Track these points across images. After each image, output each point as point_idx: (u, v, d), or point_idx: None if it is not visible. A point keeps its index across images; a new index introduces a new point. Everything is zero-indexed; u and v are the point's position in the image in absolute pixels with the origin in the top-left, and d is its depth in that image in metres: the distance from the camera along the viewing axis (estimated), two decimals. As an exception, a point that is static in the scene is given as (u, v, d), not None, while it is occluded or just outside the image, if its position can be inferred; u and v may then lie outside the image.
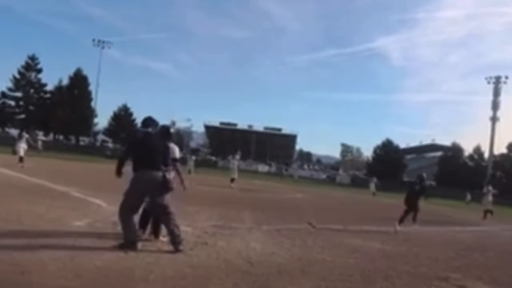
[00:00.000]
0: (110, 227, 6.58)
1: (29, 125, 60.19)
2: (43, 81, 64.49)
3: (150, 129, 5.85)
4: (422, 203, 11.76)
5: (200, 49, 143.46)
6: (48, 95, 64.91)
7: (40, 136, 42.95)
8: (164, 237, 6.08)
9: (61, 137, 68.39)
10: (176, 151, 6.25)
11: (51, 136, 67.23)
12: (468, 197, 39.63)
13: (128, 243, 5.34)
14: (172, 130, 6.50)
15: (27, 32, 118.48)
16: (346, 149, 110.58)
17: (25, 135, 19.93)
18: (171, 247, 5.56)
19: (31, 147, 20.81)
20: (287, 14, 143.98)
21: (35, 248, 4.83)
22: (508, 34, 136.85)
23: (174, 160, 6.18)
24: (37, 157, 24.86)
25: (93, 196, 10.22)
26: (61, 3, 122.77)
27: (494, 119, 62.00)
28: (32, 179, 13.13)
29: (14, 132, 61.53)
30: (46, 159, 26.05)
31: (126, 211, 5.51)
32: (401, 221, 10.65)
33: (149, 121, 5.88)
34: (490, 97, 62.82)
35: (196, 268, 4.82)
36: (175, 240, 5.47)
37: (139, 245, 5.40)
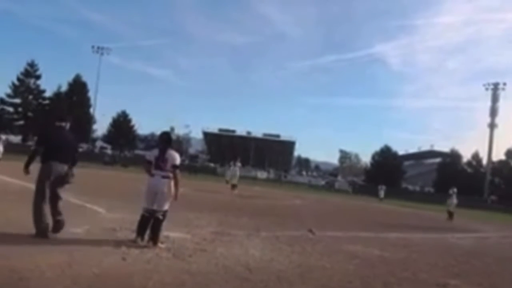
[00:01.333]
0: (109, 234, 6.55)
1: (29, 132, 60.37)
2: (42, 87, 64.71)
3: (63, 124, 6.17)
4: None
5: (200, 54, 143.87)
6: (47, 102, 64.98)
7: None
8: (162, 244, 6.06)
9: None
10: (176, 158, 6.27)
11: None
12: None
13: (39, 232, 5.67)
14: (173, 136, 6.59)
15: (26, 37, 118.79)
16: (344, 155, 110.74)
17: (2, 137, 19.61)
18: (170, 254, 5.56)
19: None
20: (287, 20, 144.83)
21: (33, 254, 4.80)
22: (506, 40, 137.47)
23: (175, 167, 6.21)
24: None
25: (91, 202, 10.19)
26: (61, 8, 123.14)
27: (492, 126, 62.24)
28: (31, 185, 13.04)
29: (13, 138, 61.56)
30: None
31: (38, 201, 5.83)
32: None
33: (63, 116, 6.26)
34: (488, 103, 63.14)
35: (194, 275, 4.80)
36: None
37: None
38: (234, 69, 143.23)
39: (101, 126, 75.07)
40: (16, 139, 62.49)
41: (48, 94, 65.17)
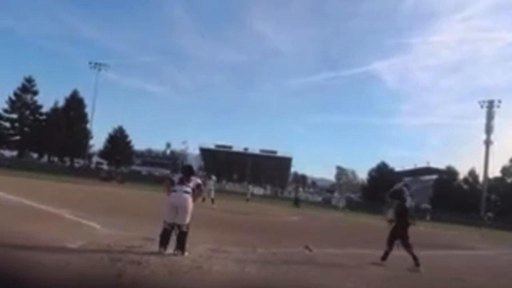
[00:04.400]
0: (104, 250, 6.51)
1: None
2: (39, 102, 64.88)
3: None
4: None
5: (197, 71, 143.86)
6: (43, 117, 65.07)
7: None
8: (187, 253, 6.71)
9: (56, 159, 68.21)
10: (198, 180, 7.34)
11: (45, 158, 67.13)
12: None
13: None
14: (194, 168, 8.25)
15: (24, 54, 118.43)
16: (341, 171, 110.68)
17: None
18: (165, 271, 5.54)
19: None
20: (283, 38, 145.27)
21: (27, 271, 4.76)
22: (500, 59, 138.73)
23: (199, 185, 7.23)
24: (30, 179, 24.75)
25: (86, 218, 10.14)
26: (58, 25, 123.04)
27: (488, 143, 62.53)
28: (26, 201, 13.01)
29: (8, 153, 61.44)
30: (39, 180, 25.87)
31: None
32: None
33: None
34: (484, 121, 63.60)
35: (190, 292, 4.77)
36: None
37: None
38: (231, 86, 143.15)
39: (97, 141, 74.95)
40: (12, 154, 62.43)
41: (45, 109, 65.39)
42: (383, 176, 70.18)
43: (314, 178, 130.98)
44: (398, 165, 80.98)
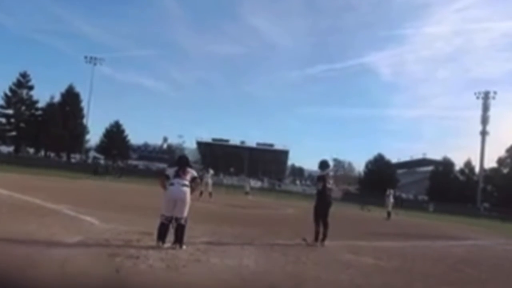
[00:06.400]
0: (102, 245, 6.52)
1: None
2: (35, 98, 64.62)
3: None
4: None
5: (193, 66, 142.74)
6: (39, 112, 64.82)
7: None
8: (185, 246, 6.72)
9: (52, 154, 68.02)
10: (194, 172, 7.30)
11: (42, 153, 66.93)
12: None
13: None
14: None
15: (18, 49, 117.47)
16: (338, 164, 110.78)
17: None
18: (163, 265, 5.54)
19: None
20: (278, 31, 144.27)
21: (23, 266, 4.76)
22: (495, 49, 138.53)
23: (194, 178, 7.19)
24: (27, 174, 24.66)
25: (84, 213, 10.11)
26: (53, 20, 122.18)
27: (483, 134, 62.82)
28: (23, 197, 12.97)
29: (5, 149, 61.19)
30: (36, 176, 25.78)
31: None
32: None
33: None
34: (480, 112, 63.83)
35: (188, 286, 4.78)
36: None
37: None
38: (226, 79, 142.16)
39: (94, 136, 74.74)
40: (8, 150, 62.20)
41: (41, 104, 65.11)
42: (380, 168, 70.39)
43: (311, 171, 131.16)
44: (394, 157, 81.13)
